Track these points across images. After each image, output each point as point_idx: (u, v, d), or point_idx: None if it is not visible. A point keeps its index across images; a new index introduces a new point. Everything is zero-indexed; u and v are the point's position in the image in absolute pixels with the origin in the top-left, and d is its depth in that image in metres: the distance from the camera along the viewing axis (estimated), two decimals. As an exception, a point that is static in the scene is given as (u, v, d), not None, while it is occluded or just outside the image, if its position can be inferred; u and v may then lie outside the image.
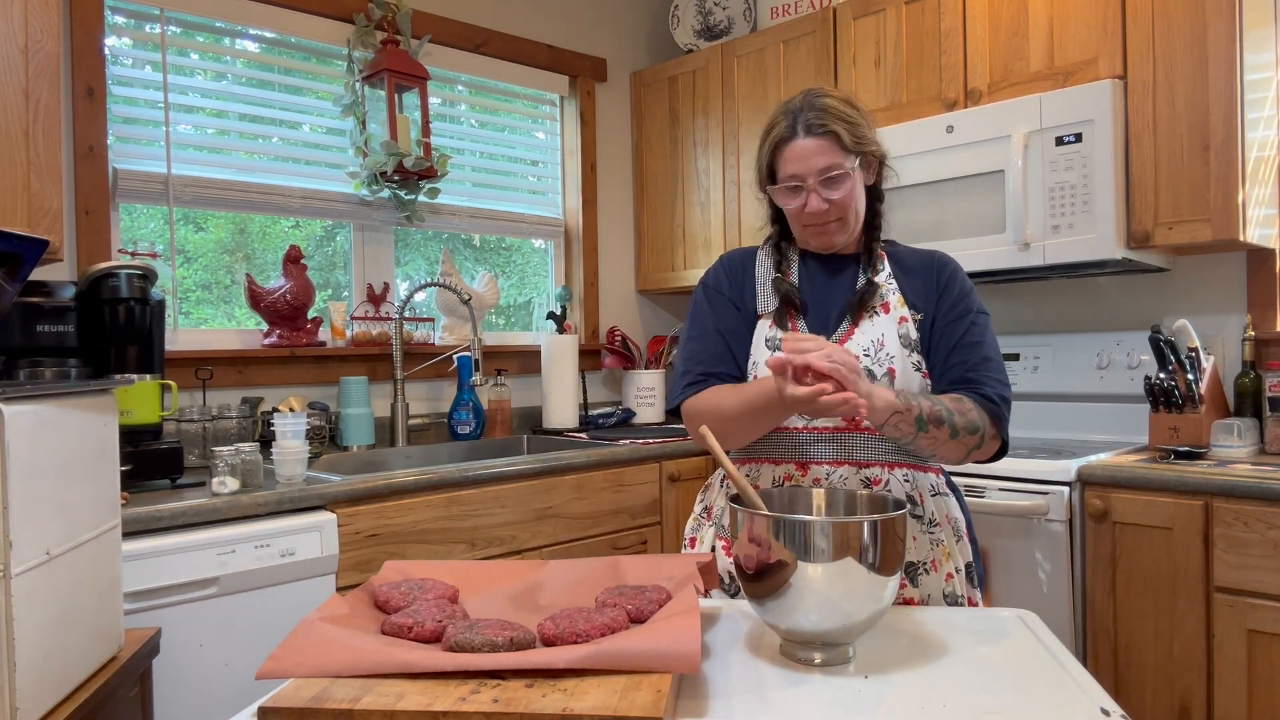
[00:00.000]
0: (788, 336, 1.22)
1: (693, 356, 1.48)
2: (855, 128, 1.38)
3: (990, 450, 1.39)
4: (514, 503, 2.24)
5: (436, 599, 1.07)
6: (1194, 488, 1.91)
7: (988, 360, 1.40)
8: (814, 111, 1.37)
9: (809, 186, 1.38)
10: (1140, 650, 2.01)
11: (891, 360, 1.37)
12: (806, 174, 1.37)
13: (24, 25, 1.76)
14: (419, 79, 2.74)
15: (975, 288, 1.49)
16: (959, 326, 1.41)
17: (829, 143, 1.36)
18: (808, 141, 1.37)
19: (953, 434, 1.31)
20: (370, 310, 2.81)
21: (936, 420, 1.29)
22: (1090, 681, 0.95)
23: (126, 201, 2.39)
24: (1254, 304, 2.39)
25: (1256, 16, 2.21)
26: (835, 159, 1.37)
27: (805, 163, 1.37)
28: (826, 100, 1.39)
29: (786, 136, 1.39)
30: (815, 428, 1.38)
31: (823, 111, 1.37)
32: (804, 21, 2.94)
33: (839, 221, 1.41)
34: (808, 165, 1.37)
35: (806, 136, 1.37)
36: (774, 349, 1.41)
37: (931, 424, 1.28)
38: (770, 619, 1.01)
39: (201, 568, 1.72)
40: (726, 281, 1.51)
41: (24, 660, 1.07)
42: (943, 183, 2.50)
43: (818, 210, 1.39)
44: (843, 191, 1.38)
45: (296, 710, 0.82)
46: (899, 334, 1.39)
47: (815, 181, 1.37)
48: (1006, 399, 1.38)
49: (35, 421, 1.11)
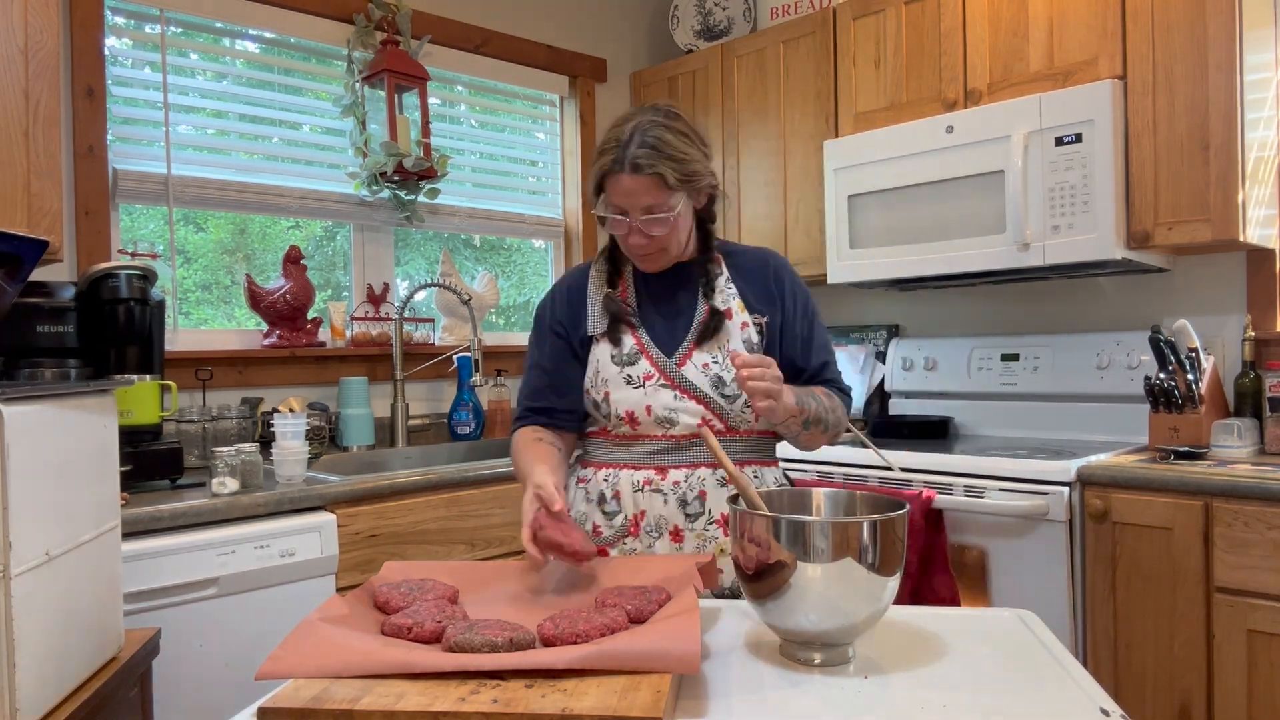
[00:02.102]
0: (737, 357, 1.26)
1: (525, 388, 1.55)
2: (683, 165, 1.35)
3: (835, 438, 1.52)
4: (514, 503, 2.24)
5: (436, 599, 1.07)
6: (1194, 488, 1.91)
7: (832, 358, 1.55)
8: (643, 149, 1.33)
9: (631, 222, 1.38)
10: (1140, 650, 2.01)
11: None
12: (630, 209, 1.37)
13: (24, 25, 1.76)
14: (419, 79, 2.74)
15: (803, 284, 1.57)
16: (801, 327, 1.51)
17: (654, 182, 1.34)
18: (632, 180, 1.34)
19: (824, 429, 1.45)
20: (370, 310, 2.81)
21: (818, 420, 1.42)
22: (1090, 681, 0.95)
23: (126, 202, 2.39)
24: (1254, 304, 2.39)
25: (1256, 16, 2.21)
26: (658, 198, 1.35)
27: (628, 199, 1.36)
28: (658, 134, 1.35)
29: (612, 170, 1.35)
30: (672, 435, 1.44)
31: (651, 150, 1.33)
32: (804, 22, 2.94)
33: (661, 251, 1.43)
34: (630, 201, 1.36)
35: (632, 174, 1.34)
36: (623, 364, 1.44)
37: (814, 424, 1.42)
38: (770, 619, 1.01)
39: (201, 568, 1.72)
40: (554, 312, 1.54)
41: (24, 660, 1.07)
42: (943, 183, 2.50)
43: (638, 245, 1.41)
44: (665, 229, 1.39)
45: (296, 710, 0.82)
46: (742, 340, 1.46)
47: (637, 217, 1.37)
48: (850, 391, 1.57)
49: (35, 422, 1.11)
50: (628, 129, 1.36)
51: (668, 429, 1.43)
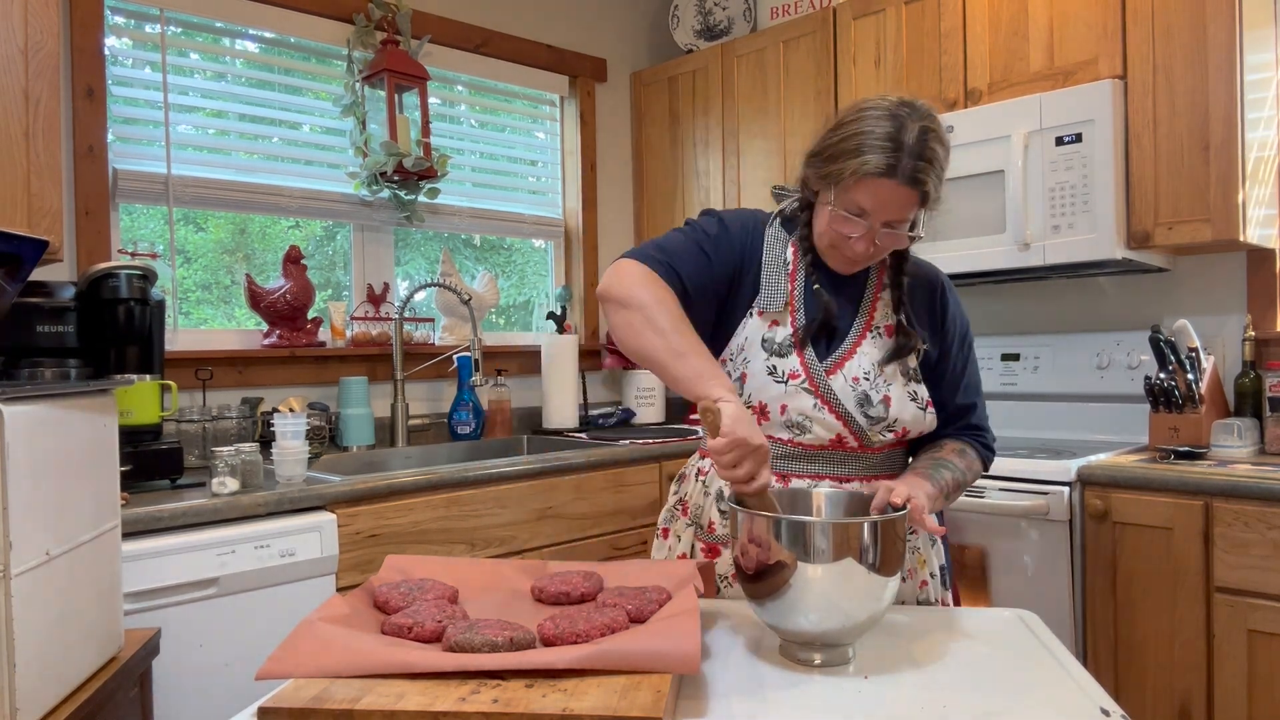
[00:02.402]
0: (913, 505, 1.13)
1: (669, 248, 1.32)
2: (940, 184, 1.24)
3: None
4: (514, 503, 2.24)
5: (436, 599, 1.07)
6: (1194, 488, 1.91)
7: (981, 402, 1.44)
8: (922, 161, 1.20)
9: (871, 227, 1.24)
10: (1140, 650, 2.01)
11: (889, 388, 1.33)
12: (876, 216, 1.23)
13: (24, 25, 1.76)
14: (419, 79, 2.74)
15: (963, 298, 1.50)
16: (959, 361, 1.41)
17: (917, 198, 1.22)
18: (901, 190, 1.20)
19: (961, 489, 1.36)
20: (370, 310, 2.81)
21: (957, 487, 1.34)
22: (1090, 681, 0.95)
23: (126, 201, 2.39)
24: (1254, 304, 2.39)
25: (1256, 16, 2.21)
26: (910, 212, 1.24)
27: (885, 209, 1.22)
28: (936, 148, 1.22)
29: (881, 173, 1.20)
30: (801, 442, 1.33)
31: (929, 164, 1.21)
32: (804, 21, 2.94)
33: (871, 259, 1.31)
34: (885, 212, 1.22)
35: (904, 184, 1.20)
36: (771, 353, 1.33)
37: (953, 492, 1.33)
38: (770, 619, 1.01)
39: (201, 568, 1.72)
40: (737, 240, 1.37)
41: (24, 660, 1.07)
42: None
43: (862, 253, 1.27)
44: (897, 242, 1.28)
45: (297, 710, 0.82)
46: (899, 363, 1.34)
47: (879, 225, 1.24)
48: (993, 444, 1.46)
49: (35, 421, 1.11)
50: (912, 131, 1.19)
51: (796, 435, 1.32)
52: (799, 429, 1.32)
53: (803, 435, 1.33)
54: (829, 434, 1.32)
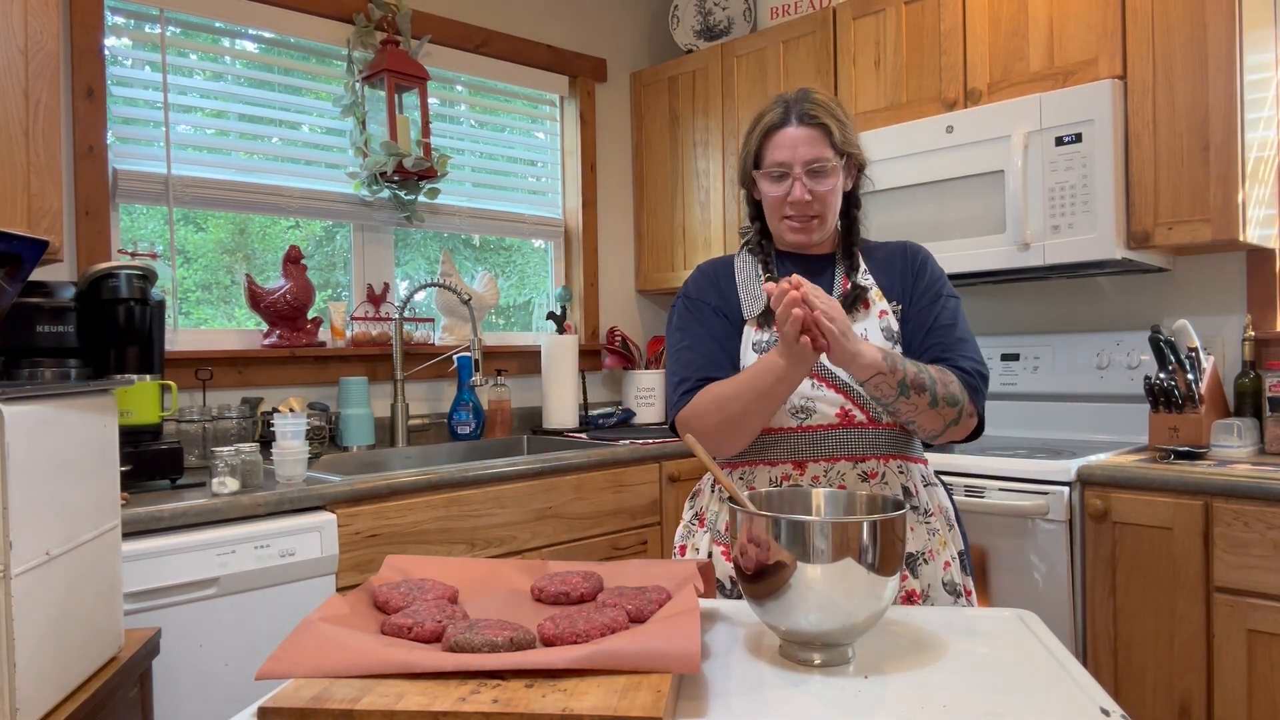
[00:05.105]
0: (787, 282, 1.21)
1: (689, 364, 1.44)
2: (844, 128, 1.42)
3: (967, 428, 1.39)
4: (514, 503, 2.24)
5: (436, 599, 1.07)
6: (1194, 488, 1.91)
7: (962, 341, 1.41)
8: (808, 103, 1.41)
9: (795, 175, 1.40)
10: (1140, 650, 2.00)
11: None
12: (794, 162, 1.40)
13: (24, 26, 1.76)
14: (419, 79, 2.74)
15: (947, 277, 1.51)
16: (932, 310, 1.43)
17: (819, 134, 1.40)
18: (799, 130, 1.40)
19: (933, 403, 1.31)
20: (370, 310, 2.81)
21: (919, 386, 1.29)
22: (1090, 681, 0.95)
23: (126, 202, 2.39)
24: (1254, 304, 2.39)
25: (1256, 16, 2.21)
26: (823, 151, 1.40)
27: (794, 151, 1.40)
28: (820, 96, 1.43)
29: (778, 124, 1.42)
30: (809, 425, 1.39)
31: (817, 105, 1.41)
32: (804, 21, 2.94)
33: (818, 219, 1.43)
34: (796, 154, 1.40)
35: (799, 125, 1.40)
36: (761, 352, 1.40)
37: (914, 390, 1.29)
38: (770, 620, 1.01)
39: (201, 568, 1.72)
40: (710, 290, 1.50)
41: (24, 660, 1.07)
42: (942, 183, 2.50)
43: (800, 199, 1.40)
44: (827, 185, 1.41)
45: (296, 710, 0.82)
46: (881, 328, 1.42)
47: (801, 170, 1.40)
48: (984, 374, 1.40)
49: (35, 421, 1.11)
50: (791, 94, 1.44)
51: (804, 419, 1.39)
52: (805, 412, 1.39)
53: (809, 418, 1.39)
54: (833, 409, 1.38)
